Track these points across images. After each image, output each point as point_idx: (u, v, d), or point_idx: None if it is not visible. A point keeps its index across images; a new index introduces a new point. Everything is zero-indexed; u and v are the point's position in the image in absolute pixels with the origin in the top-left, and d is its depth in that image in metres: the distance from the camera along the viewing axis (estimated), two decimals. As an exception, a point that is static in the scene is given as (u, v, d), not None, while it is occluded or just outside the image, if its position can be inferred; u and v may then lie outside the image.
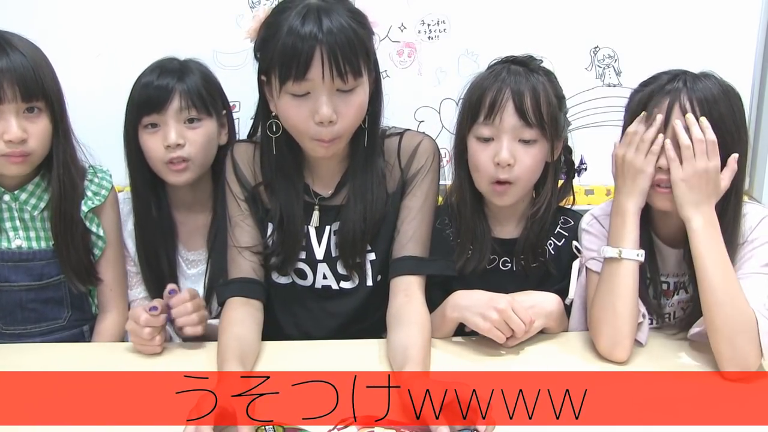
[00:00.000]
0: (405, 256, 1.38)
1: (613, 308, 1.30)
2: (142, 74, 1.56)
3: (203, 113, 1.55)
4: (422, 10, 1.99)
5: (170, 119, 1.52)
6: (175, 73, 1.54)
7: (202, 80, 1.57)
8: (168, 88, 1.51)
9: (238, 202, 1.42)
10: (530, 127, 1.36)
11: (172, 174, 1.55)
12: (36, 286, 1.48)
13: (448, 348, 1.36)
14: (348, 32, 1.21)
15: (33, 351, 1.40)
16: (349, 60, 1.22)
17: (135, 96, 1.54)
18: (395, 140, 1.43)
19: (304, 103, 1.25)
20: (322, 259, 1.43)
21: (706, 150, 1.24)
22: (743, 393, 1.21)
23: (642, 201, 1.32)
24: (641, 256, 1.31)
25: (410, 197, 1.41)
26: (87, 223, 1.50)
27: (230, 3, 1.95)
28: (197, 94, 1.54)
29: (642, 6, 2.02)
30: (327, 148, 1.30)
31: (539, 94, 1.37)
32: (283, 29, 1.21)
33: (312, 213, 1.42)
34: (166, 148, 1.51)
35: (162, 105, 1.51)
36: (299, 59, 1.20)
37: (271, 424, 1.04)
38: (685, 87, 1.28)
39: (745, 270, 1.31)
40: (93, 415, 1.14)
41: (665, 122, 1.29)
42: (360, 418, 1.06)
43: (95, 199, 1.52)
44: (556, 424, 1.11)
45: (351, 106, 1.26)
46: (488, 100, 1.37)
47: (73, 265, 1.48)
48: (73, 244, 1.47)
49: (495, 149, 1.38)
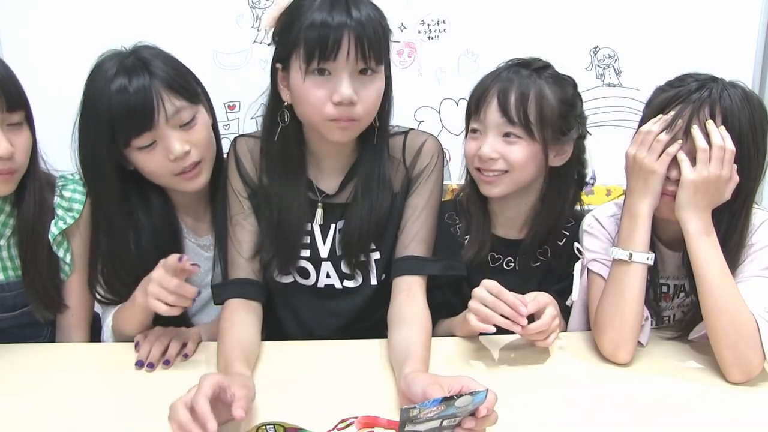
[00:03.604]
0: (407, 256, 1.38)
1: (621, 311, 1.29)
2: (98, 79, 1.33)
3: (192, 106, 1.38)
4: (422, 10, 2.00)
5: (165, 131, 1.33)
6: (141, 70, 1.32)
7: (169, 67, 1.36)
8: (147, 96, 1.30)
9: (240, 199, 1.39)
10: (512, 124, 1.38)
11: (186, 183, 1.40)
12: (10, 316, 1.40)
13: (448, 348, 1.36)
14: (374, 21, 1.24)
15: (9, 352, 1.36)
16: (373, 44, 1.23)
17: (107, 109, 1.30)
18: (400, 139, 1.43)
19: (325, 83, 1.24)
20: (326, 257, 1.42)
21: (723, 157, 1.23)
22: (746, 394, 1.21)
23: (655, 202, 1.29)
24: (651, 259, 1.30)
25: (414, 196, 1.41)
26: (54, 248, 1.38)
27: (230, 3, 1.95)
28: (177, 87, 1.34)
29: (642, 6, 2.02)
30: (344, 129, 1.27)
31: (528, 94, 1.37)
32: (308, 15, 1.21)
33: (315, 210, 1.41)
34: (173, 162, 1.35)
35: (149, 119, 1.31)
36: (326, 41, 1.20)
37: (271, 424, 1.04)
38: (709, 98, 1.25)
39: (745, 273, 1.30)
40: (93, 418, 1.14)
41: (685, 130, 1.26)
42: (360, 419, 1.06)
43: (68, 217, 1.39)
44: (556, 424, 1.11)
45: (371, 89, 1.26)
46: (477, 95, 1.41)
47: (41, 294, 1.37)
48: (41, 270, 1.36)
49: (480, 143, 1.41)
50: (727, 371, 1.23)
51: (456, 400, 0.94)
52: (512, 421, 1.10)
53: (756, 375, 1.22)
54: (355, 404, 1.11)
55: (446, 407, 0.94)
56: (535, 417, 1.13)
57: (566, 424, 1.11)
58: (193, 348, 1.34)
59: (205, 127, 1.41)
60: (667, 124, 1.26)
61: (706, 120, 1.25)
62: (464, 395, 0.95)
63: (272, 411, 1.10)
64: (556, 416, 1.13)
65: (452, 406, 0.95)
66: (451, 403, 0.94)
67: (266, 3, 1.93)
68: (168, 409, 0.99)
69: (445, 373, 1.24)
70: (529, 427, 1.10)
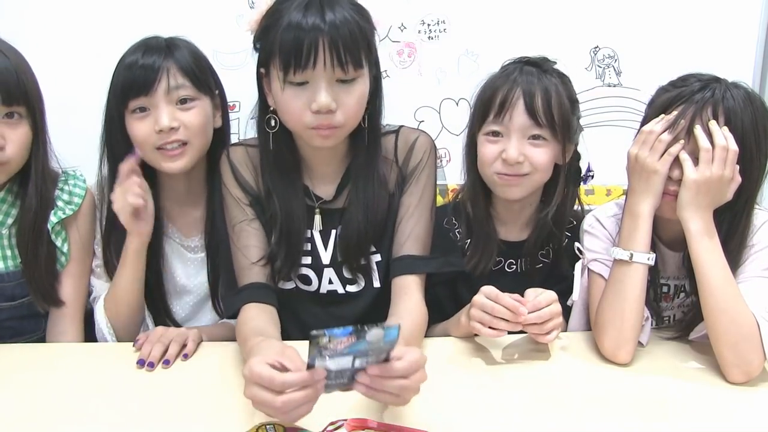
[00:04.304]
0: (403, 255, 1.36)
1: (621, 311, 1.29)
2: (124, 55, 1.43)
3: (196, 92, 1.43)
4: (422, 10, 2.00)
5: (160, 101, 1.39)
6: (161, 50, 1.41)
7: (191, 56, 1.44)
8: (155, 67, 1.39)
9: (242, 206, 1.36)
10: (540, 126, 1.37)
11: (166, 160, 1.42)
12: (8, 306, 1.42)
13: (448, 348, 1.36)
14: (350, 23, 1.21)
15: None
16: (350, 50, 1.20)
17: (118, 79, 1.41)
18: (391, 138, 1.41)
19: (303, 92, 1.23)
20: (328, 263, 1.40)
21: (726, 158, 1.23)
22: (746, 394, 1.20)
23: (656, 202, 1.29)
24: (651, 260, 1.30)
25: (408, 194, 1.39)
26: (53, 237, 1.41)
27: (230, 3, 1.95)
28: (188, 71, 1.42)
29: (642, 6, 2.02)
30: (325, 137, 1.26)
31: (551, 95, 1.37)
32: (284, 18, 1.20)
33: (314, 217, 1.40)
34: (158, 133, 1.39)
35: (149, 86, 1.38)
36: (301, 48, 1.19)
37: (271, 423, 1.04)
38: (712, 98, 1.25)
39: (746, 274, 1.30)
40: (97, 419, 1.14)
41: (687, 130, 1.26)
42: (350, 421, 1.05)
43: (66, 209, 1.43)
44: (556, 424, 1.11)
45: (351, 95, 1.25)
46: (499, 98, 1.38)
47: (40, 285, 1.40)
48: (40, 262, 1.39)
49: (503, 146, 1.39)
50: (727, 371, 1.23)
51: (367, 333, 0.90)
52: (512, 421, 1.11)
53: (756, 375, 1.22)
54: (356, 404, 1.11)
55: (357, 340, 0.91)
56: (535, 417, 1.12)
57: (566, 424, 1.11)
58: (193, 348, 1.34)
59: (203, 116, 1.44)
60: (669, 124, 1.26)
61: (709, 120, 1.24)
62: (376, 328, 0.90)
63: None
64: (556, 416, 1.13)
65: (363, 340, 0.91)
66: (362, 335, 0.90)
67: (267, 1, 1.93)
68: (169, 410, 0.98)
69: (445, 372, 1.26)
70: (529, 426, 1.10)
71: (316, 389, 0.95)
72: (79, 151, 1.46)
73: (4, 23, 1.83)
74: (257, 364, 0.96)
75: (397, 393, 0.98)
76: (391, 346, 0.94)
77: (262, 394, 0.95)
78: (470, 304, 1.28)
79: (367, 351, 0.93)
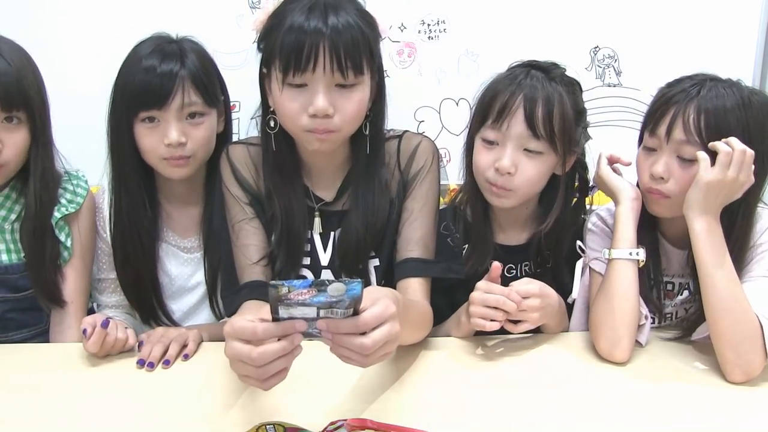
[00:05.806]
0: (407, 259, 1.35)
1: (612, 309, 1.29)
2: (136, 52, 1.43)
3: (206, 107, 1.45)
4: (422, 10, 2.00)
5: (171, 116, 1.41)
6: (176, 57, 1.41)
7: (202, 65, 1.45)
8: (171, 76, 1.39)
9: (242, 205, 1.36)
10: (537, 138, 1.34)
11: (170, 169, 1.46)
12: (12, 297, 1.44)
13: (448, 348, 1.36)
14: (353, 28, 1.20)
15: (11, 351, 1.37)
16: (351, 55, 1.20)
17: (133, 83, 1.40)
18: (394, 143, 1.40)
19: (301, 95, 1.23)
20: (326, 265, 1.40)
21: (743, 161, 1.22)
22: (746, 394, 1.20)
23: (636, 205, 1.34)
24: (638, 254, 1.31)
25: (410, 199, 1.38)
26: (57, 231, 1.43)
27: (230, 3, 1.95)
28: (200, 84, 1.43)
29: (642, 6, 2.02)
30: (321, 140, 1.26)
31: (553, 105, 1.33)
32: (288, 20, 1.20)
33: (313, 219, 1.39)
34: (167, 146, 1.42)
35: (163, 100, 1.39)
36: (302, 50, 1.18)
37: (271, 423, 1.04)
38: (697, 96, 1.26)
39: (751, 274, 1.30)
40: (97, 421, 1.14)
41: (668, 133, 1.28)
42: (350, 421, 1.05)
43: (69, 206, 1.45)
44: (556, 424, 1.11)
45: (350, 101, 1.24)
46: (499, 103, 1.36)
47: (43, 280, 1.41)
48: (44, 258, 1.41)
49: (498, 154, 1.37)
50: (727, 371, 1.23)
51: (328, 286, 0.88)
52: (512, 421, 1.11)
53: (756, 375, 1.22)
54: (356, 405, 1.11)
55: (317, 292, 0.89)
56: (535, 417, 1.12)
57: (566, 424, 1.11)
58: (194, 348, 1.34)
59: (210, 130, 1.48)
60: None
61: (688, 125, 1.25)
62: (337, 282, 0.88)
63: (272, 411, 1.10)
64: (556, 416, 1.12)
65: (324, 293, 0.89)
66: (323, 288, 0.88)
67: (268, 2, 1.93)
68: (168, 410, 0.98)
69: (445, 372, 1.26)
70: (529, 426, 1.10)
71: (291, 341, 0.95)
72: (78, 150, 1.46)
73: (9, 21, 1.83)
74: (238, 320, 0.96)
75: (357, 350, 0.94)
76: (354, 301, 0.92)
77: (240, 347, 0.95)
78: (468, 302, 1.28)
79: (330, 304, 0.91)
